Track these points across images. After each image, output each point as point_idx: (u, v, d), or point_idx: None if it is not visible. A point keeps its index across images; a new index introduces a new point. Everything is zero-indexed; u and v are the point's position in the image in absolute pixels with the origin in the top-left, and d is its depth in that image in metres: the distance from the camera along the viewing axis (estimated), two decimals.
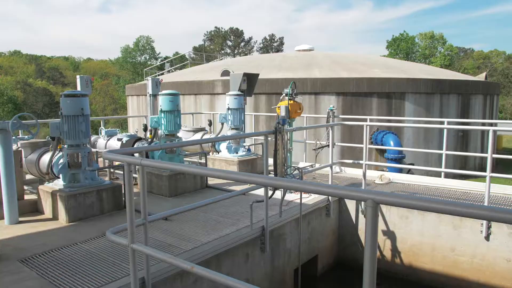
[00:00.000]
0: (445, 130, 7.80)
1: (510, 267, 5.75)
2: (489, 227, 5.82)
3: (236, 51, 70.39)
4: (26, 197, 6.47)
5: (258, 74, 9.59)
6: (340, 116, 11.05)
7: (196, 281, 4.32)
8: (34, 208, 6.13)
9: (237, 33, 70.55)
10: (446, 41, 61.25)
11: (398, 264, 6.71)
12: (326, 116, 9.25)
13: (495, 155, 6.10)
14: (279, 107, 6.53)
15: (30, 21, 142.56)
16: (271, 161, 6.60)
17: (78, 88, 8.21)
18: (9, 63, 63.53)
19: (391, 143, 13.83)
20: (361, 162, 6.94)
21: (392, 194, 1.77)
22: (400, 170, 12.74)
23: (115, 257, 4.41)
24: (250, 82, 9.37)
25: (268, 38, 71.75)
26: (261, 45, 71.33)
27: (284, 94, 7.04)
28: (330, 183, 6.79)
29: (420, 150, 11.53)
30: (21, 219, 5.71)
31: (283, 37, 71.15)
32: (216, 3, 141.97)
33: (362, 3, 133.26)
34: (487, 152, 5.67)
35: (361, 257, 7.10)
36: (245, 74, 9.18)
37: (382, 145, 14.01)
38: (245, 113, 9.02)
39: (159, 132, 7.57)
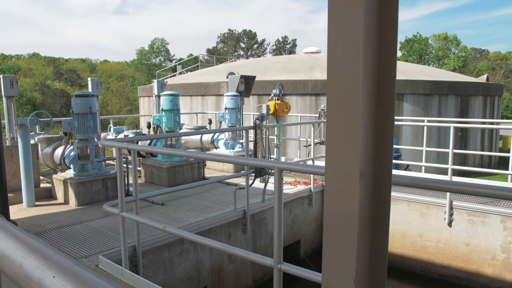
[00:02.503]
0: (425, 128, 8.38)
1: (469, 251, 6.37)
2: (451, 214, 6.45)
3: (249, 53, 71.16)
4: (42, 185, 7.35)
5: (254, 77, 10.33)
6: None
7: (182, 252, 5.08)
8: (49, 194, 6.99)
9: (250, 35, 71.36)
10: (460, 42, 60.94)
11: None
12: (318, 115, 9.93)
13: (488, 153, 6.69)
14: (261, 105, 7.26)
15: (48, 24, 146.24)
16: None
17: (89, 89, 9.11)
18: (28, 65, 65.60)
19: None
20: None
21: (289, 163, 2.50)
22: (396, 167, 13.35)
23: (114, 232, 5.20)
24: (248, 83, 10.12)
25: (281, 40, 72.32)
26: (274, 47, 71.94)
27: (272, 95, 7.77)
28: (312, 178, 7.47)
29: (411, 148, 12.10)
30: (37, 203, 6.57)
31: (295, 39, 71.63)
32: (231, 4, 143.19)
33: None
34: (488, 152, 6.29)
35: None
36: (242, 76, 9.94)
37: None
38: (246, 112, 9.77)
39: (162, 129, 8.37)
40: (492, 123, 17.70)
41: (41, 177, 7.82)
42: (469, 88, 17.55)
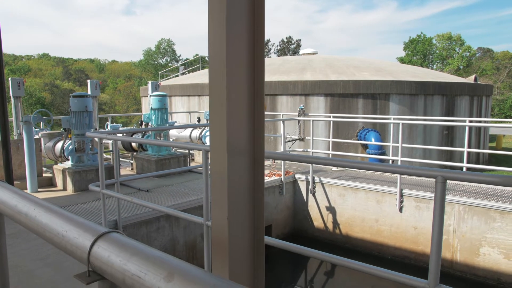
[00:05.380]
0: (391, 125, 9.20)
1: (416, 234, 7.21)
2: (401, 201, 7.30)
3: None
4: (44, 175, 8.33)
5: None
6: (321, 113, 12.57)
7: (159, 229, 6.01)
8: (50, 183, 7.97)
9: None
10: (464, 42, 61.07)
11: (338, 234, 8.23)
12: (292, 113, 10.82)
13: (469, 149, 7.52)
14: None
15: (57, 25, 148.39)
16: None
17: (89, 90, 10.09)
18: (38, 65, 67.13)
19: (372, 139, 15.24)
20: (308, 150, 8.50)
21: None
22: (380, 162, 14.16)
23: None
24: None
25: (285, 40, 72.91)
26: (279, 47, 72.58)
27: None
28: (282, 169, 8.35)
29: (390, 144, 12.88)
30: (39, 189, 7.55)
31: (300, 39, 72.24)
32: None
33: (386, 3, 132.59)
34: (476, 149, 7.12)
35: (310, 228, 8.65)
36: None
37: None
38: None
39: (150, 125, 9.32)
40: (479, 122, 18.43)
41: (44, 169, 8.81)
42: (454, 88, 18.27)
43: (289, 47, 71.73)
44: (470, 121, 11.76)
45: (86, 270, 1.52)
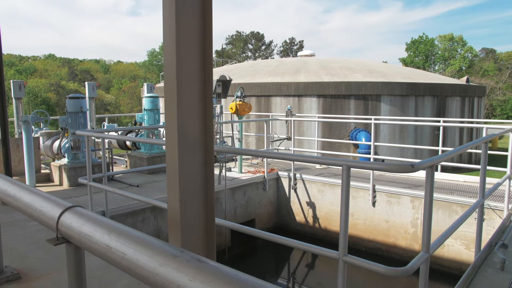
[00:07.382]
0: (372, 124, 9.68)
1: (388, 227, 7.70)
2: (374, 196, 7.79)
3: (257, 54, 72.48)
4: (43, 171, 8.90)
5: (231, 80, 11.73)
6: (314, 114, 13.06)
7: (144, 220, 6.55)
8: (48, 178, 8.54)
9: (257, 37, 72.64)
10: (466, 43, 61.19)
11: (317, 228, 8.73)
12: (285, 114, 11.33)
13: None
14: (216, 105, 8.69)
15: (63, 25, 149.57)
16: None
17: (86, 92, 10.65)
18: (44, 66, 68.00)
19: (363, 139, 15.73)
20: (290, 148, 9.01)
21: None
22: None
23: (94, 204, 6.68)
24: (224, 86, 11.55)
25: (288, 41, 73.43)
26: (281, 48, 73.11)
27: (235, 97, 9.19)
28: (265, 167, 8.84)
29: (372, 144, 13.34)
30: (37, 185, 8.12)
31: (302, 40, 72.76)
32: (243, 4, 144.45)
33: (392, 4, 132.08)
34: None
35: (292, 223, 9.16)
36: (218, 80, 11.37)
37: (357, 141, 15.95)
38: (227, 112, 11.23)
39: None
40: (469, 123, 18.84)
41: (43, 165, 9.40)
42: (445, 89, 18.68)
43: (292, 48, 72.24)
44: (444, 121, 12.20)
45: (55, 235, 2.07)
